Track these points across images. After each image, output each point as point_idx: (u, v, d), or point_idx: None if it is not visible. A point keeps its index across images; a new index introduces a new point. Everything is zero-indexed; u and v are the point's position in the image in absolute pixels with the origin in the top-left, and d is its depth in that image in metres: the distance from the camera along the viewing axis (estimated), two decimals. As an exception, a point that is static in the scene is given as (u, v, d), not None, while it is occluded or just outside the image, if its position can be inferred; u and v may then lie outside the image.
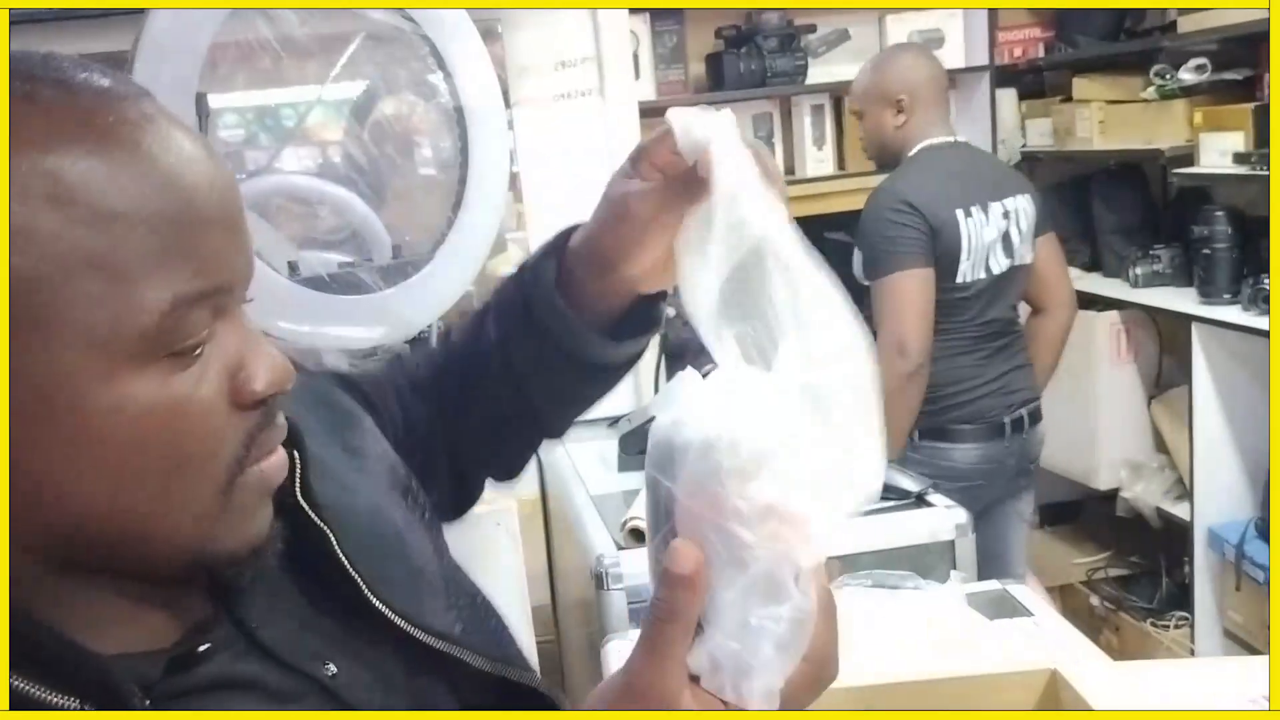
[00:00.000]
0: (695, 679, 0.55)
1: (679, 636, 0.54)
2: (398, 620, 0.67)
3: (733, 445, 0.54)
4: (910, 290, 2.26)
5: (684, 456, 0.55)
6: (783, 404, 0.56)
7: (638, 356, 0.85)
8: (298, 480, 0.66)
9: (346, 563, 0.67)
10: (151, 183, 0.52)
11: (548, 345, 0.81)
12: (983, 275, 2.36)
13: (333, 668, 0.64)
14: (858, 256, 2.40)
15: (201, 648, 0.59)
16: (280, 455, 0.60)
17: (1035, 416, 2.51)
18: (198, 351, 0.54)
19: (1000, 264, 2.38)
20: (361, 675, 0.66)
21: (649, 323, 0.83)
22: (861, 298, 2.30)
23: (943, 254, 2.30)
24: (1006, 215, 2.38)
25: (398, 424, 0.87)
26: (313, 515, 0.66)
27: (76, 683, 0.52)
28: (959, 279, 2.33)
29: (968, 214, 2.33)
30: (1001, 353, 2.44)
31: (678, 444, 0.55)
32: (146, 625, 0.58)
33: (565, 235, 0.82)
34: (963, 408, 2.39)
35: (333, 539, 0.67)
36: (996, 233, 2.36)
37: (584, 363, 0.81)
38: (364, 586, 0.67)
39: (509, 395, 0.85)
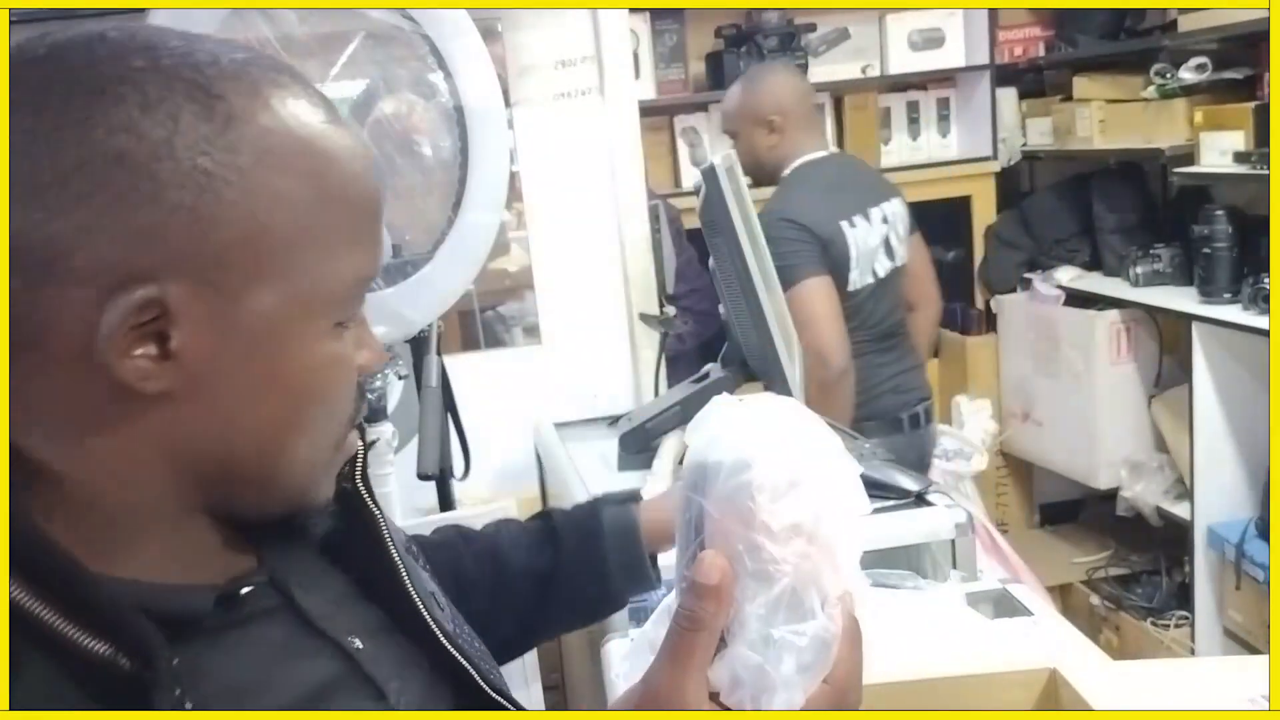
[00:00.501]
0: (715, 695, 0.55)
1: (702, 646, 0.55)
2: (423, 612, 0.72)
3: (766, 464, 0.55)
4: (817, 297, 2.35)
5: (717, 473, 0.56)
6: (813, 429, 0.58)
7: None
8: (358, 466, 0.73)
9: (392, 548, 0.73)
10: (360, 174, 0.61)
11: (597, 589, 0.95)
12: (870, 280, 2.47)
13: (359, 643, 0.68)
14: None
15: (244, 589, 0.64)
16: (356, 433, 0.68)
17: (930, 414, 2.62)
18: (350, 325, 0.63)
19: (884, 267, 2.49)
20: (386, 656, 0.69)
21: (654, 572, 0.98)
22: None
23: (833, 265, 2.40)
24: (885, 220, 2.50)
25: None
26: (369, 500, 0.73)
27: (112, 624, 0.53)
28: (850, 287, 2.44)
29: (851, 224, 2.43)
30: (894, 352, 2.55)
31: (711, 462, 0.57)
32: (208, 567, 0.63)
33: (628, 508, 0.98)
34: (862, 407, 2.45)
35: (383, 525, 0.73)
36: (879, 238, 2.47)
37: (613, 603, 0.98)
38: (403, 572, 0.72)
39: (520, 616, 0.95)
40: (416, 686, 0.70)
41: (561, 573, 0.95)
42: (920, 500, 1.66)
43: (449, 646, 0.73)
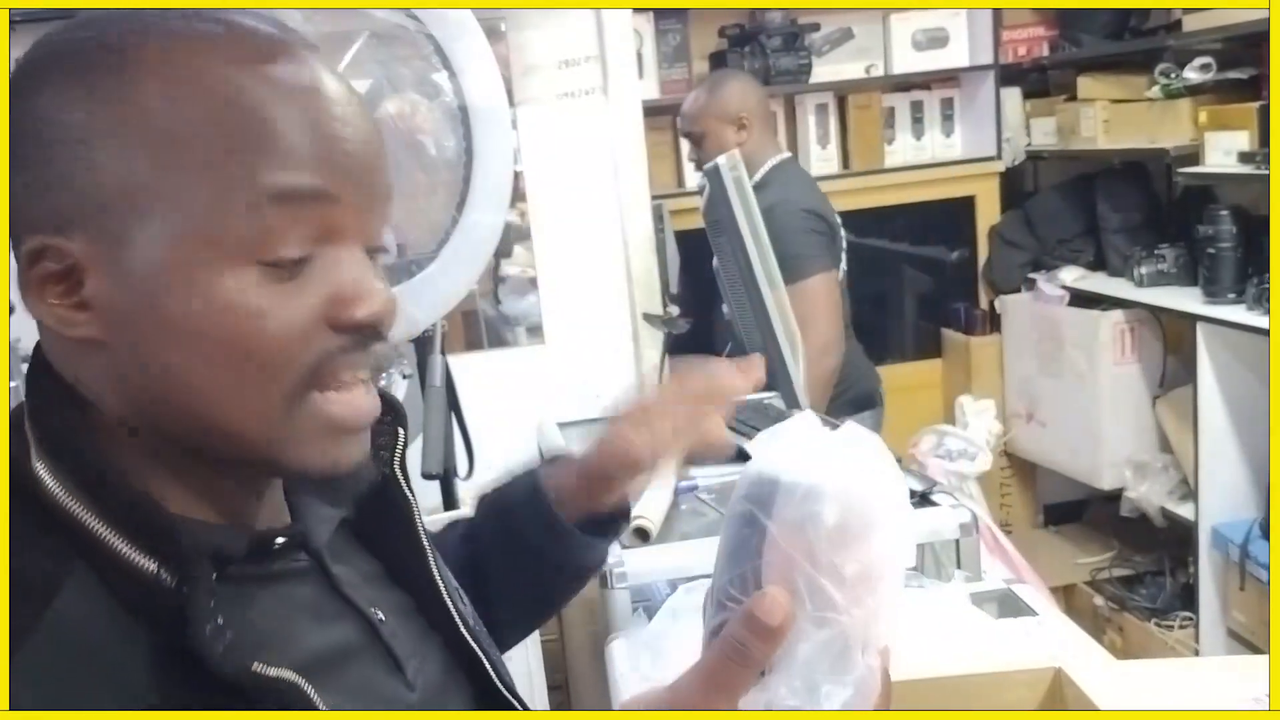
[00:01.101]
0: None
1: (743, 680, 0.54)
2: (447, 600, 0.74)
3: (844, 501, 0.53)
4: (828, 292, 2.47)
5: (790, 496, 0.53)
6: (890, 471, 0.56)
7: (603, 560, 0.96)
8: (398, 453, 0.74)
9: (423, 535, 0.74)
10: (250, 92, 0.57)
11: (535, 561, 0.90)
12: (845, 269, 2.64)
13: (382, 615, 0.69)
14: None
15: (277, 540, 0.64)
16: (358, 402, 0.63)
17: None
18: (297, 268, 0.58)
19: (844, 260, 2.65)
20: (407, 634, 0.71)
21: (618, 524, 0.94)
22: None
23: (835, 257, 2.56)
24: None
25: None
26: (404, 485, 0.74)
27: (159, 539, 0.56)
28: (839, 276, 2.59)
29: (837, 217, 2.62)
30: (855, 339, 2.72)
31: (785, 481, 0.54)
32: (244, 517, 0.64)
33: (532, 474, 0.93)
34: (849, 390, 2.59)
35: (416, 511, 0.74)
36: (842, 232, 2.64)
37: (576, 568, 0.93)
38: (432, 560, 0.74)
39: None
40: (434, 668, 0.72)
41: (487, 558, 0.92)
42: (925, 500, 1.66)
43: (467, 636, 0.74)
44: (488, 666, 0.75)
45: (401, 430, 0.75)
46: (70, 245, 0.57)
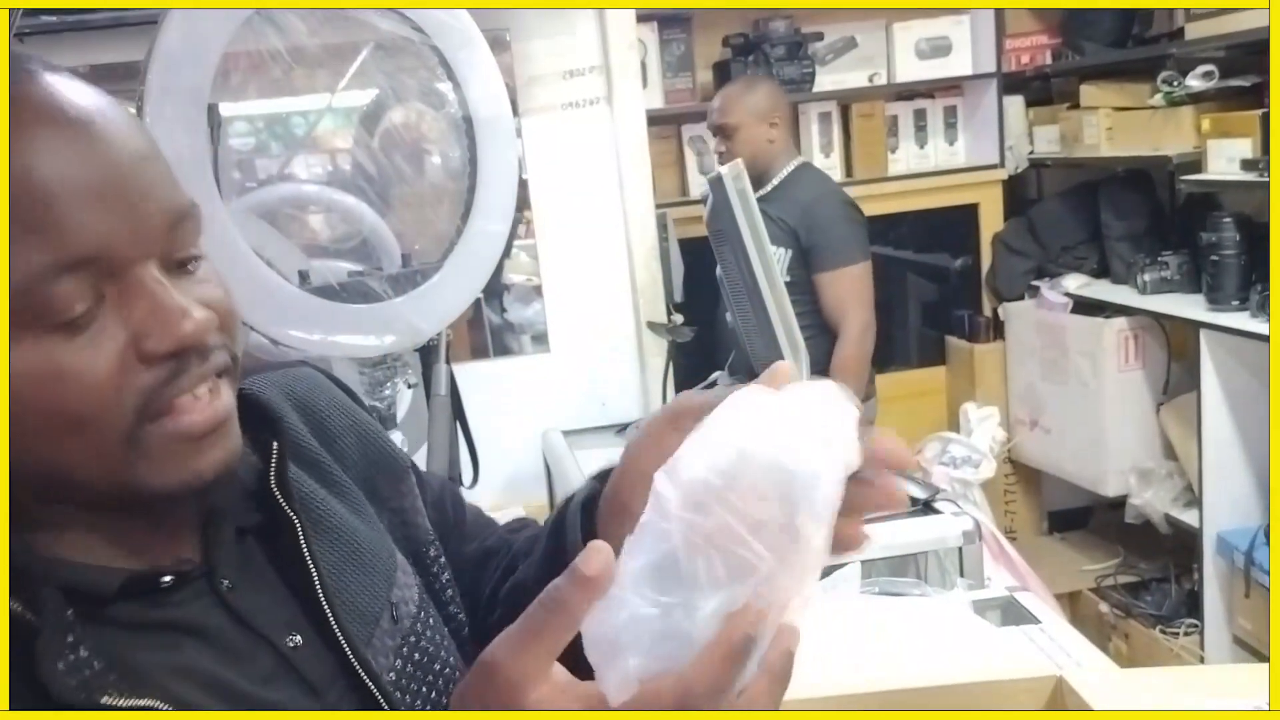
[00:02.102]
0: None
1: (554, 630, 0.52)
2: (334, 627, 0.69)
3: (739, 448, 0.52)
4: (868, 279, 2.66)
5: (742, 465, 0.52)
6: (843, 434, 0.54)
7: None
8: (273, 469, 0.70)
9: (308, 556, 0.70)
10: (29, 158, 0.55)
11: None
12: None
13: (299, 639, 0.67)
14: (783, 255, 2.65)
15: (164, 580, 0.64)
16: (203, 409, 0.61)
17: None
18: (89, 318, 0.57)
19: None
20: (325, 656, 0.68)
21: None
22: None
23: (869, 248, 2.72)
24: None
25: (430, 528, 0.86)
26: (283, 504, 0.70)
27: (19, 581, 0.57)
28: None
29: None
30: None
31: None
32: (138, 558, 0.64)
33: (598, 480, 0.80)
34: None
35: (300, 530, 0.70)
36: None
37: None
38: (317, 583, 0.70)
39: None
40: (358, 695, 0.69)
41: (520, 598, 0.88)
42: (928, 508, 1.67)
43: (356, 664, 0.69)
44: (377, 696, 0.70)
45: (275, 442, 0.72)
46: None
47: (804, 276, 2.64)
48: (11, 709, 0.55)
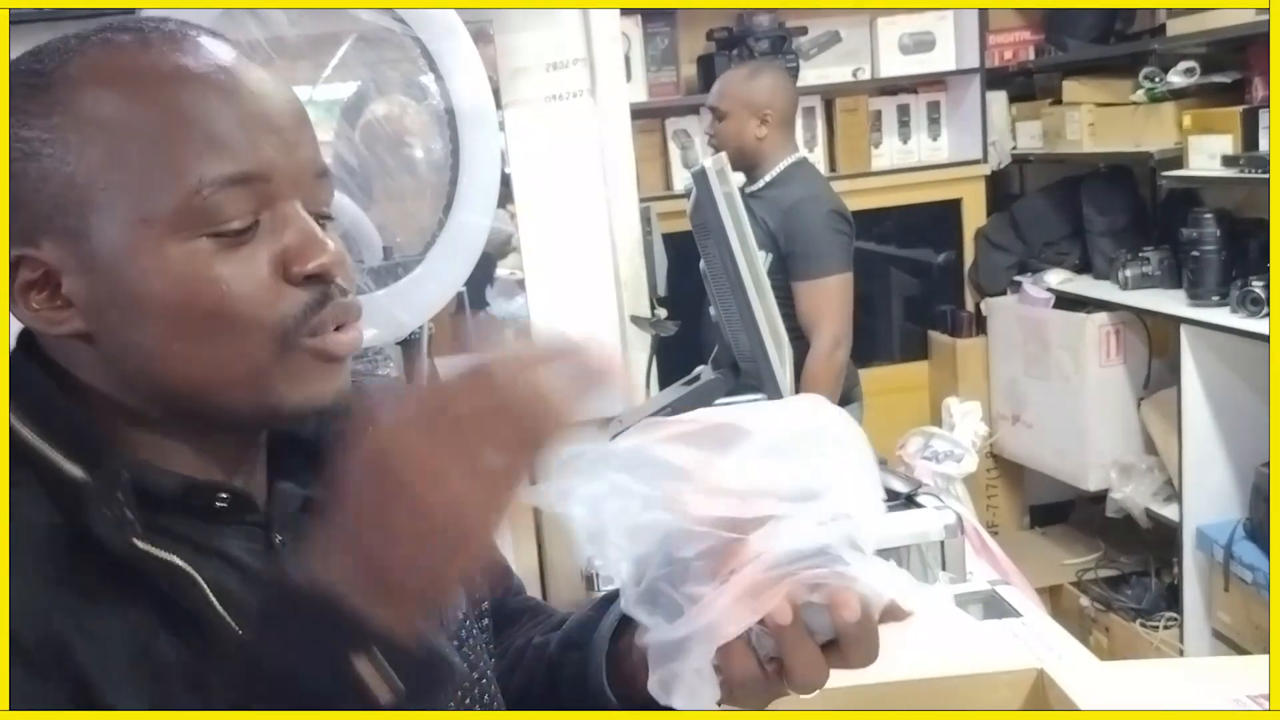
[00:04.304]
0: None
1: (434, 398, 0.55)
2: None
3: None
4: (847, 292, 2.61)
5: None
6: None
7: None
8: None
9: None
10: (181, 82, 0.63)
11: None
12: None
13: None
14: (765, 257, 2.61)
15: (221, 497, 0.67)
16: (347, 332, 0.67)
17: None
18: (245, 235, 0.63)
19: None
20: None
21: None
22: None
23: (852, 258, 2.67)
24: None
25: None
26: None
27: (88, 456, 0.63)
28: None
29: None
30: None
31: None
32: (217, 473, 0.69)
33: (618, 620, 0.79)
34: (851, 390, 2.78)
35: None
36: None
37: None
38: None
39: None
40: None
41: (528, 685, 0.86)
42: (910, 502, 1.67)
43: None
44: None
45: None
46: (40, 252, 0.63)
47: (784, 281, 2.61)
48: (58, 550, 0.60)
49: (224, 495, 0.68)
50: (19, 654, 0.57)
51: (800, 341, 2.59)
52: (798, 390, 2.56)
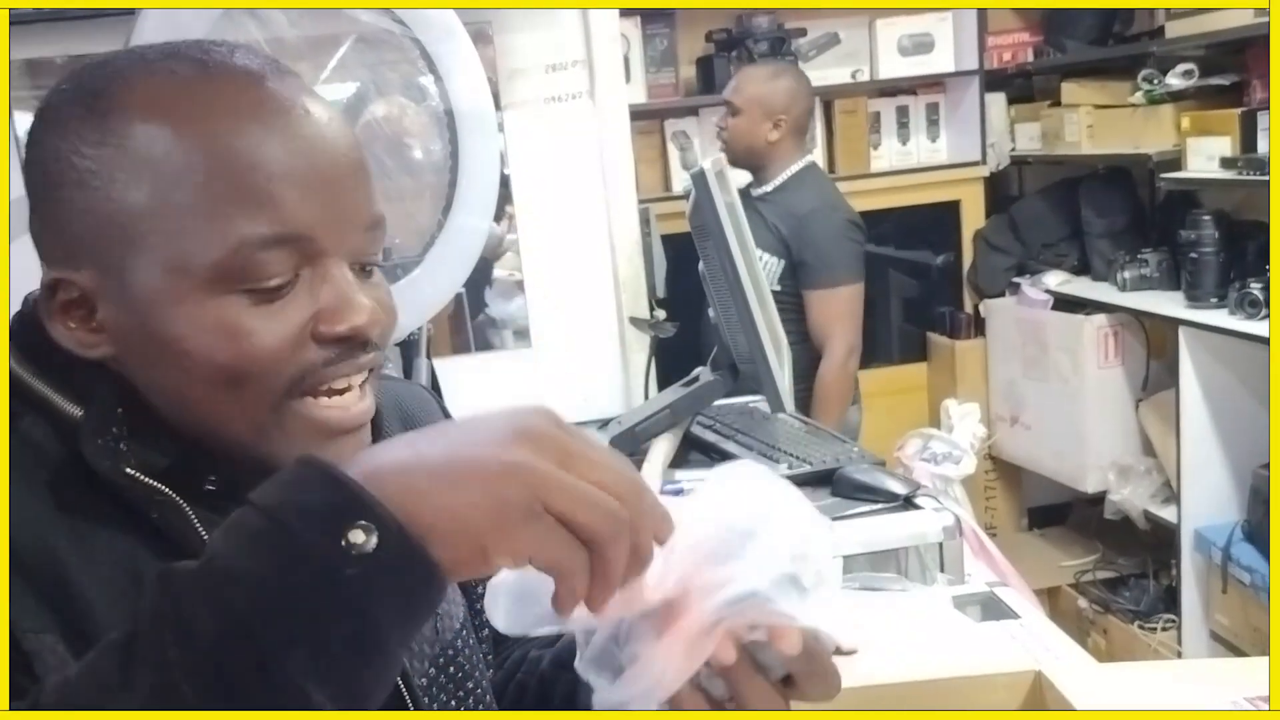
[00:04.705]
0: None
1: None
2: None
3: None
4: (859, 301, 2.63)
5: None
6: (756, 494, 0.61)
7: None
8: None
9: None
10: (237, 136, 0.62)
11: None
12: None
13: None
14: (775, 264, 2.63)
15: (209, 483, 0.67)
16: (349, 405, 0.66)
17: None
18: (281, 291, 0.63)
19: None
20: None
21: None
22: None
23: (864, 267, 2.69)
24: None
25: None
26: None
27: (86, 398, 0.66)
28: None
29: None
30: None
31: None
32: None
33: None
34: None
35: None
36: None
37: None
38: None
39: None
40: None
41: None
42: (908, 503, 1.67)
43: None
44: (405, 695, 0.73)
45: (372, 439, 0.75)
46: (79, 277, 0.64)
47: (793, 288, 2.61)
48: (57, 476, 0.63)
49: (213, 478, 0.68)
50: (19, 570, 0.59)
51: (803, 346, 2.59)
52: (804, 396, 2.57)
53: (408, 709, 0.72)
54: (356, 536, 0.48)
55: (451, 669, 0.77)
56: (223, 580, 0.48)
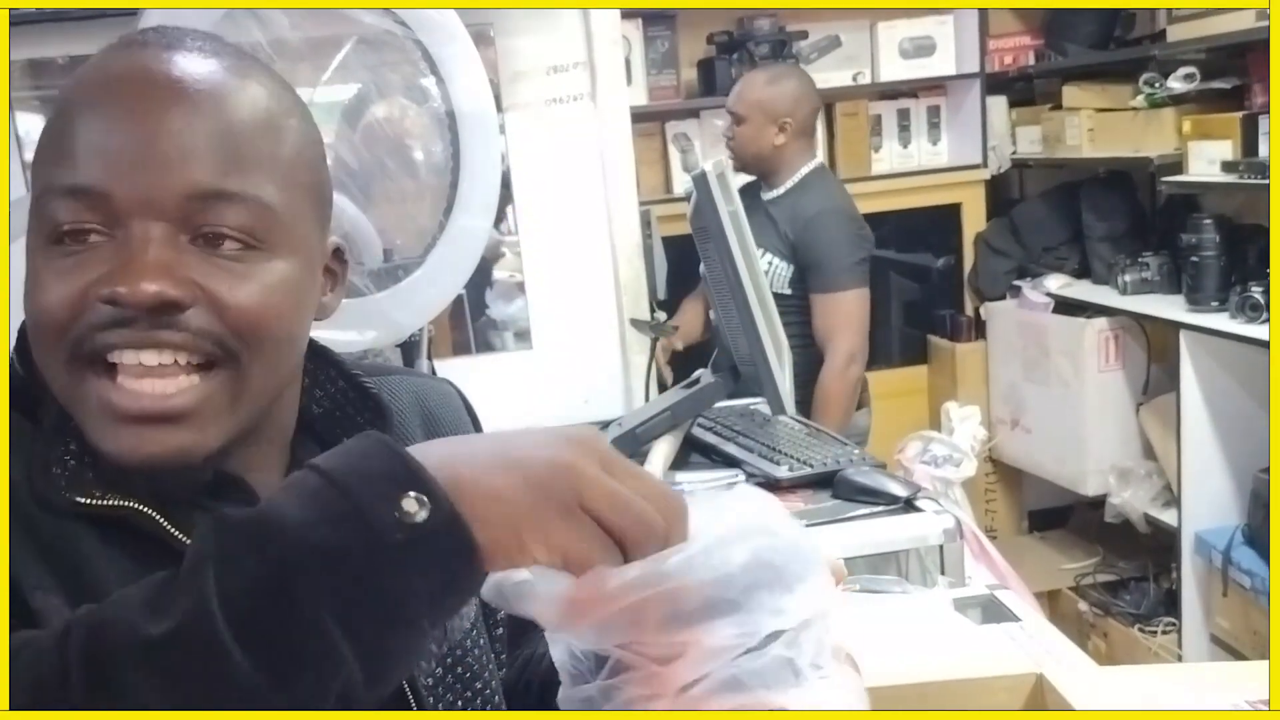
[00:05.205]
0: None
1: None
2: None
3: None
4: (864, 306, 2.60)
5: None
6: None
7: None
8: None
9: None
10: (93, 95, 0.64)
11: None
12: None
13: None
14: (784, 268, 2.62)
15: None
16: (142, 388, 0.63)
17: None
18: (78, 248, 0.63)
19: None
20: None
21: None
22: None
23: (869, 271, 2.67)
24: None
25: None
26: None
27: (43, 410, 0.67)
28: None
29: None
30: None
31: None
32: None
33: None
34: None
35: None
36: None
37: None
38: None
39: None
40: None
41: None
42: (909, 506, 1.67)
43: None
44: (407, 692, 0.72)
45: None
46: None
47: (803, 291, 2.60)
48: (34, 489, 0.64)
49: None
50: (36, 542, 0.62)
51: (807, 350, 2.59)
52: (806, 399, 2.57)
53: (410, 709, 0.72)
54: (409, 505, 0.49)
55: (459, 669, 0.77)
56: (272, 528, 0.49)
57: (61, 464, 0.64)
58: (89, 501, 0.63)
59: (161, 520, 0.64)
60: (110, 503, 0.64)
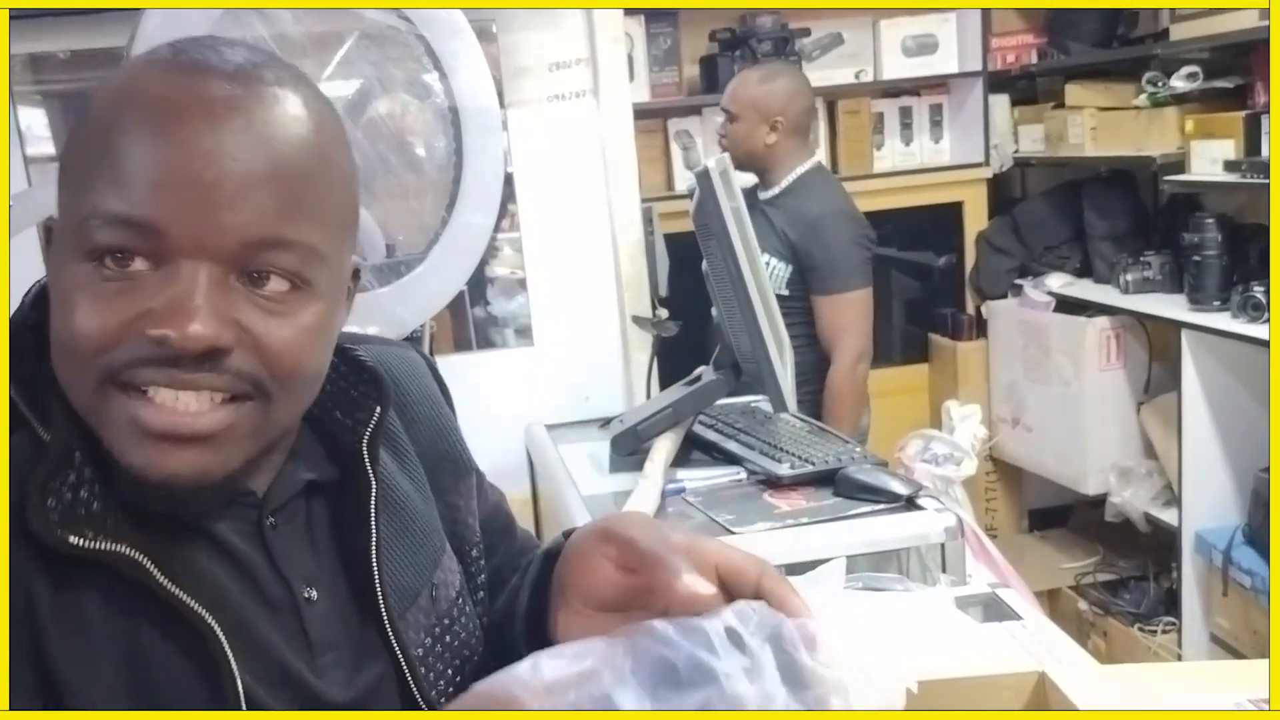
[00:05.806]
0: None
1: None
2: (379, 593, 0.72)
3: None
4: (868, 306, 2.61)
5: None
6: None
7: None
8: (369, 431, 0.75)
9: (373, 519, 0.73)
10: (141, 117, 0.62)
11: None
12: None
13: (314, 594, 0.71)
14: (782, 269, 2.60)
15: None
16: (171, 410, 0.63)
17: None
18: (123, 278, 0.62)
19: None
20: (333, 616, 0.72)
21: None
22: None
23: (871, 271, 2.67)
24: None
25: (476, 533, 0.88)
26: (367, 465, 0.74)
27: (48, 421, 0.66)
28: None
29: None
30: None
31: None
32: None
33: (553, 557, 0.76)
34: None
35: (374, 492, 0.74)
36: None
37: None
38: (374, 547, 0.73)
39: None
40: (372, 669, 0.73)
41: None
42: (910, 504, 1.67)
43: (390, 633, 0.73)
44: (400, 657, 0.73)
45: (378, 407, 0.76)
46: (51, 222, 0.68)
47: (802, 292, 2.60)
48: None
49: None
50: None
51: (812, 350, 2.59)
52: (813, 399, 2.56)
53: (405, 679, 0.73)
54: None
55: (448, 638, 0.78)
56: None
57: (58, 495, 0.63)
58: (80, 543, 0.62)
59: (151, 568, 0.63)
60: (101, 546, 0.63)
